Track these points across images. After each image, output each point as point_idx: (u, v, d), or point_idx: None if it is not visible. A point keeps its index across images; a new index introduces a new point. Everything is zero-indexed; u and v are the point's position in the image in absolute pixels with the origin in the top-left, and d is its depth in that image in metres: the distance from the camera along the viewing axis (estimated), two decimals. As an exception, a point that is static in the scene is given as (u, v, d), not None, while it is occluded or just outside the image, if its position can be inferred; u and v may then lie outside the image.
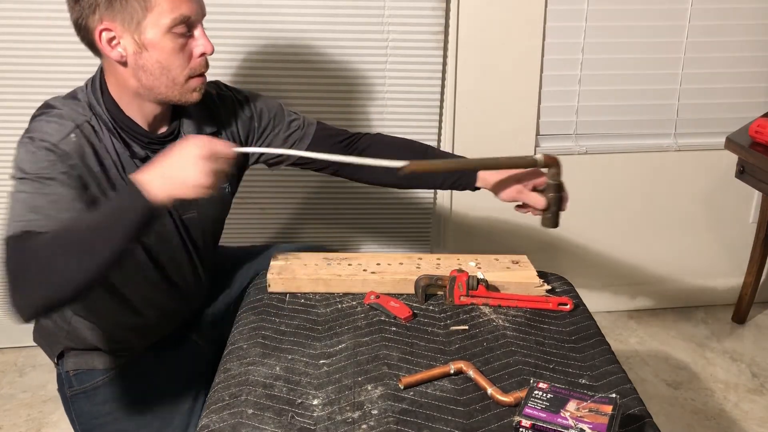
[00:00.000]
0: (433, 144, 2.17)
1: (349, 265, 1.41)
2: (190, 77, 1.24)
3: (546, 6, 2.09)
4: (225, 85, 1.45)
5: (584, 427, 0.93)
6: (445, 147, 2.19)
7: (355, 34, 1.99)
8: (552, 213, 1.36)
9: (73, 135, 1.18)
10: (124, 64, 1.20)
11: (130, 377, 1.42)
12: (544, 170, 1.35)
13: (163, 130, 1.31)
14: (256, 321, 1.29)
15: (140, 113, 1.26)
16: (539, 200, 1.35)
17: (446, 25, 2.04)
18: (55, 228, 1.05)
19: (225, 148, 1.10)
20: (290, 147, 1.43)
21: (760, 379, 2.18)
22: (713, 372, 2.22)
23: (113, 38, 1.17)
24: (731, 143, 2.07)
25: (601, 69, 2.21)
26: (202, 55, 1.23)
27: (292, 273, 1.38)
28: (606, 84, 2.23)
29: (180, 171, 1.05)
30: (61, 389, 1.45)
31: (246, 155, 1.45)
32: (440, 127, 2.17)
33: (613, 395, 1.00)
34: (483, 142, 2.23)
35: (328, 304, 1.34)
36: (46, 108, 1.22)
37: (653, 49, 2.21)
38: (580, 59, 2.19)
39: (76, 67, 1.94)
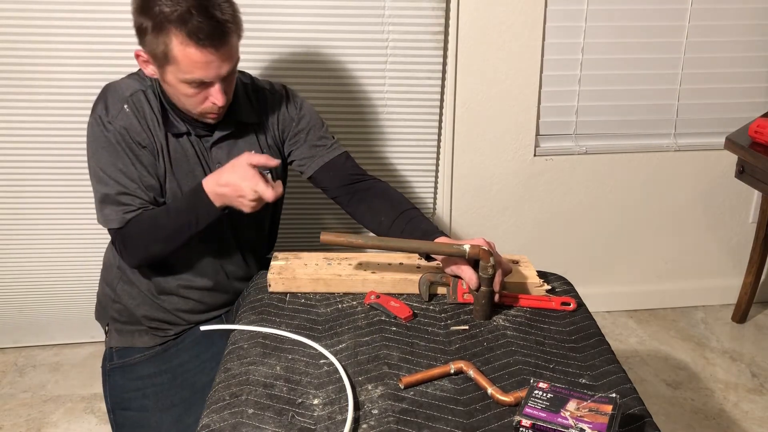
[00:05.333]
0: (433, 143, 2.18)
1: (349, 265, 1.42)
2: (203, 113, 1.38)
3: (546, 6, 2.09)
4: (283, 86, 1.57)
5: (584, 426, 0.93)
6: (445, 147, 2.19)
7: (355, 34, 2.00)
8: (480, 306, 1.28)
9: (126, 106, 1.37)
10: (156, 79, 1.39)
11: (166, 360, 1.51)
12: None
13: None
14: (257, 321, 1.29)
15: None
16: (473, 279, 1.26)
17: (446, 25, 2.04)
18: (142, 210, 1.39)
19: (267, 160, 1.31)
20: (311, 157, 1.55)
21: (760, 379, 2.18)
22: (713, 372, 2.22)
23: (147, 60, 1.34)
24: (731, 143, 2.07)
25: (601, 69, 2.21)
26: (214, 104, 1.35)
27: (292, 273, 1.38)
28: (606, 84, 2.24)
29: (231, 188, 1.30)
30: (103, 365, 1.57)
31: (282, 146, 1.56)
32: (440, 127, 2.17)
33: (613, 395, 1.00)
34: (483, 142, 2.23)
35: (329, 304, 1.34)
36: (102, 93, 1.41)
37: (653, 49, 2.21)
38: (580, 59, 2.19)
39: (77, 68, 1.95)
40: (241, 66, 1.97)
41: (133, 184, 1.38)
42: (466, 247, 1.24)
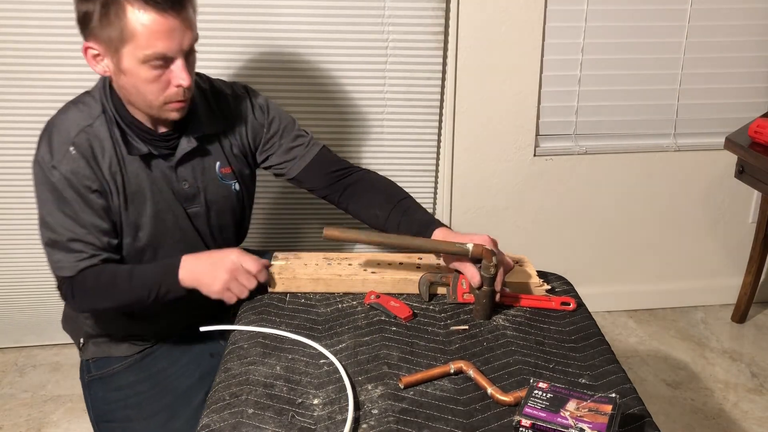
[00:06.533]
0: (433, 143, 2.18)
1: (349, 265, 1.41)
2: (167, 102, 1.27)
3: (546, 6, 2.09)
4: (245, 87, 1.49)
5: (584, 426, 0.93)
6: (445, 147, 2.19)
7: (355, 34, 2.00)
8: (481, 305, 1.27)
9: (72, 148, 1.27)
10: (109, 77, 1.28)
11: (145, 367, 1.47)
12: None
13: (168, 129, 1.35)
14: (257, 321, 1.29)
15: (140, 114, 1.31)
16: (475, 277, 1.26)
17: (446, 25, 2.04)
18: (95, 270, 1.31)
19: (255, 265, 1.28)
20: (291, 159, 1.49)
21: (760, 379, 2.18)
22: (713, 372, 2.22)
23: (98, 55, 1.23)
24: (731, 143, 2.07)
25: (601, 69, 2.21)
26: (179, 86, 1.24)
27: (292, 273, 1.38)
28: (606, 84, 2.24)
29: (207, 277, 1.27)
30: (82, 377, 1.51)
31: (253, 154, 1.48)
32: (440, 127, 2.17)
33: (613, 395, 1.00)
34: (483, 142, 2.23)
35: (329, 304, 1.34)
36: (45, 131, 1.31)
37: (653, 49, 2.21)
38: (580, 59, 2.19)
39: (77, 68, 1.95)
40: (239, 67, 1.99)
41: (83, 230, 1.29)
42: (469, 246, 1.24)
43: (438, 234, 1.33)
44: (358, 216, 1.49)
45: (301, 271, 1.39)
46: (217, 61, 1.96)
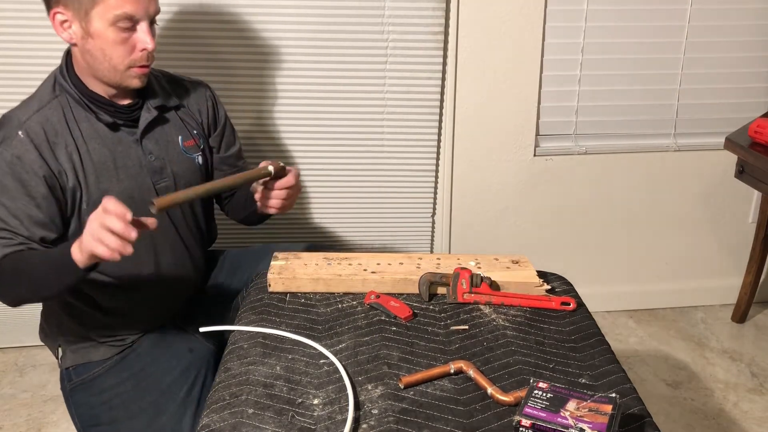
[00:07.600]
0: (433, 143, 2.18)
1: (349, 265, 1.42)
2: (131, 67, 1.32)
3: (546, 6, 2.09)
4: (206, 85, 1.56)
5: (584, 426, 0.93)
6: (445, 147, 2.20)
7: (355, 34, 2.00)
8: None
9: (20, 132, 1.29)
10: (74, 44, 1.32)
11: (125, 367, 1.46)
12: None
13: (128, 101, 1.40)
14: (257, 321, 1.29)
15: (100, 87, 1.36)
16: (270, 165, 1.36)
17: (446, 25, 2.04)
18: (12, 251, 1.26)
19: (112, 205, 1.12)
20: (235, 169, 1.57)
21: (760, 379, 2.18)
22: (713, 372, 2.22)
23: (65, 21, 1.28)
24: (731, 143, 2.07)
25: (601, 69, 2.21)
26: (144, 50, 1.31)
27: (292, 273, 1.38)
28: (606, 84, 2.24)
29: (84, 242, 1.16)
30: (63, 387, 1.49)
31: (206, 139, 1.54)
32: (440, 127, 2.17)
33: (613, 395, 1.00)
34: (483, 142, 2.23)
35: (329, 304, 1.35)
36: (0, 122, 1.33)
37: (653, 49, 2.21)
38: (580, 59, 2.19)
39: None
40: (239, 66, 1.99)
41: (15, 220, 1.27)
42: (270, 168, 1.32)
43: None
44: (235, 213, 1.62)
45: (301, 271, 1.39)
46: (216, 60, 1.96)
